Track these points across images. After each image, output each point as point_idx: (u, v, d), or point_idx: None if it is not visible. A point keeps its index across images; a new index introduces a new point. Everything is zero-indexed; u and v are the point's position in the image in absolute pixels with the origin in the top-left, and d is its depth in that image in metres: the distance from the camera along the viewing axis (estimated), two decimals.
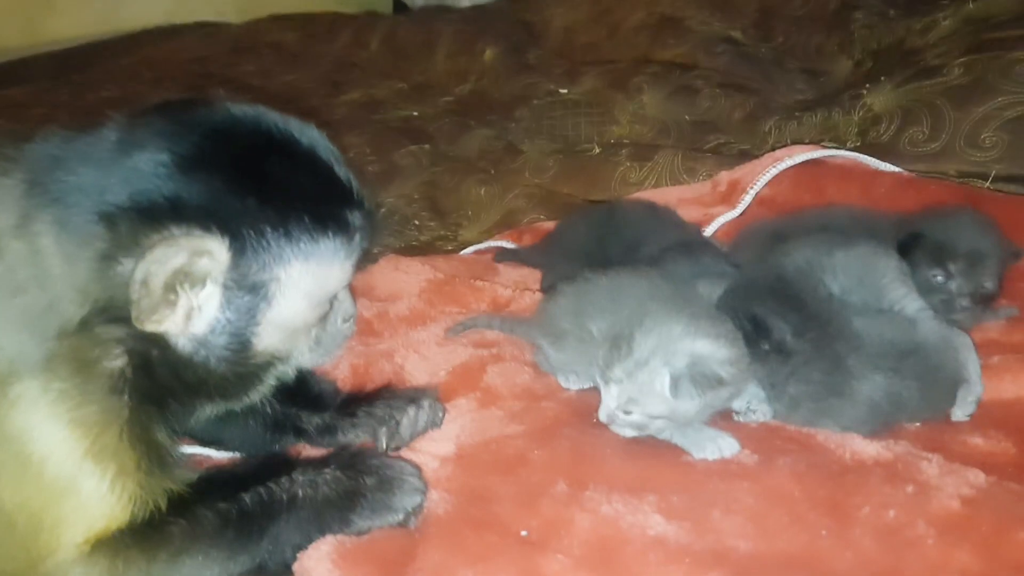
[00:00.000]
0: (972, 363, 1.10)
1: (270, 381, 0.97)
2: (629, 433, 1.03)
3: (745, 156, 1.82)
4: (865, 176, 1.55)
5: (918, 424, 1.07)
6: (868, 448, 0.99)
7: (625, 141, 2.10)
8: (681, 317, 1.02)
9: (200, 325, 0.85)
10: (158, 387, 0.88)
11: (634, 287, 1.12)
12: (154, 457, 0.89)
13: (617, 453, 1.01)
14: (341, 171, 0.90)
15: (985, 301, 1.21)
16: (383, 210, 0.98)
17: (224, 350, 0.87)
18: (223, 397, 0.95)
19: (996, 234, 1.24)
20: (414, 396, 1.13)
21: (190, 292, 0.83)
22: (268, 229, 0.83)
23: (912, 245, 1.20)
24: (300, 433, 1.14)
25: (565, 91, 2.41)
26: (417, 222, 2.00)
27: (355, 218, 0.89)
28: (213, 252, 0.81)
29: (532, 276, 1.58)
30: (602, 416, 1.03)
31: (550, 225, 1.75)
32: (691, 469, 0.97)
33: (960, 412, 1.07)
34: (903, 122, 1.72)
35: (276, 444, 1.13)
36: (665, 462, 0.99)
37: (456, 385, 1.21)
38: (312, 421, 1.14)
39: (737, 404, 1.08)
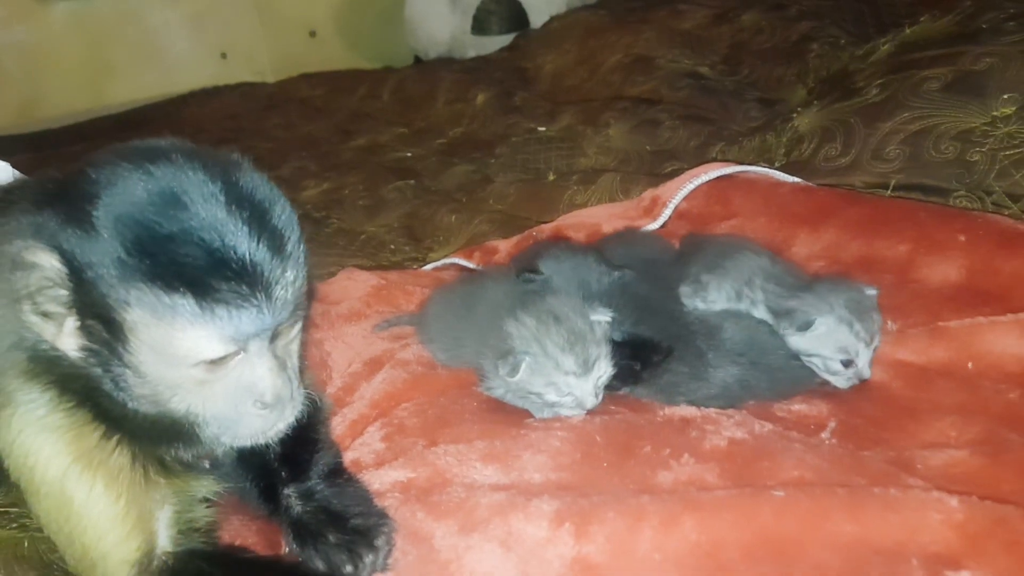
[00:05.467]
0: None
1: (206, 440, 0.95)
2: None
3: None
4: (767, 187, 1.68)
5: None
6: (685, 410, 1.13)
7: (581, 170, 2.27)
8: (573, 298, 1.22)
9: (70, 343, 0.87)
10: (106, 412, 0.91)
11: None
12: (149, 460, 0.94)
13: (473, 416, 1.19)
14: (239, 243, 0.83)
15: None
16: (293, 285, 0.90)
17: (110, 383, 0.88)
18: (150, 441, 0.95)
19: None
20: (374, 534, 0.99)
21: (47, 306, 0.85)
22: (109, 265, 0.82)
23: None
24: (269, 500, 1.08)
25: (544, 129, 2.60)
26: (393, 246, 2.20)
27: (228, 291, 0.83)
28: (42, 264, 0.83)
29: None
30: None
31: (498, 243, 1.92)
32: (526, 426, 1.13)
33: None
34: (821, 140, 1.86)
35: (253, 500, 1.10)
36: (508, 422, 1.15)
37: (368, 373, 1.39)
38: (290, 502, 1.05)
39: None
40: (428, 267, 1.95)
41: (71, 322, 0.86)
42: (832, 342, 1.17)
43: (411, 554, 0.96)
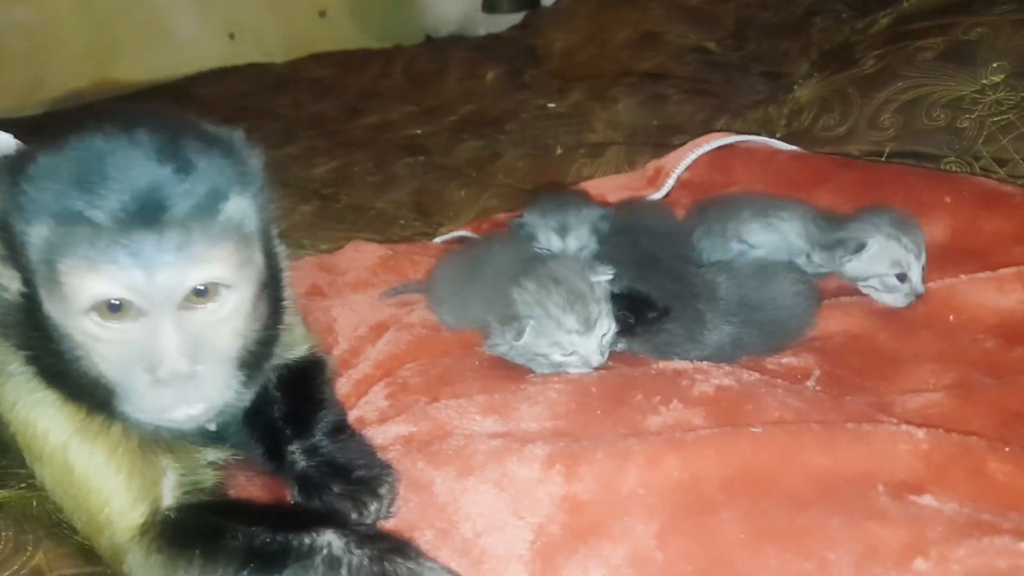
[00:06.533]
0: None
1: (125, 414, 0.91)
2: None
3: None
4: (765, 156, 1.72)
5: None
6: (679, 364, 1.18)
7: (589, 144, 2.31)
8: (573, 261, 1.30)
9: (12, 283, 0.87)
10: None
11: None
12: (143, 431, 0.94)
13: (475, 374, 1.24)
14: (146, 193, 0.81)
15: None
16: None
17: (50, 331, 0.86)
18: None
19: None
20: (377, 484, 1.03)
21: None
22: (19, 209, 0.82)
23: None
24: (275, 458, 1.10)
25: (553, 105, 2.64)
26: (402, 222, 2.24)
27: (118, 231, 0.79)
28: None
29: None
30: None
31: (506, 216, 1.96)
32: (526, 381, 1.19)
33: None
34: (819, 111, 1.90)
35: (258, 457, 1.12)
36: (509, 378, 1.20)
37: (373, 337, 1.44)
38: (295, 458, 1.07)
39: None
40: (437, 240, 2.01)
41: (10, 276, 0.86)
42: (886, 258, 1.27)
43: (412, 501, 1.01)
